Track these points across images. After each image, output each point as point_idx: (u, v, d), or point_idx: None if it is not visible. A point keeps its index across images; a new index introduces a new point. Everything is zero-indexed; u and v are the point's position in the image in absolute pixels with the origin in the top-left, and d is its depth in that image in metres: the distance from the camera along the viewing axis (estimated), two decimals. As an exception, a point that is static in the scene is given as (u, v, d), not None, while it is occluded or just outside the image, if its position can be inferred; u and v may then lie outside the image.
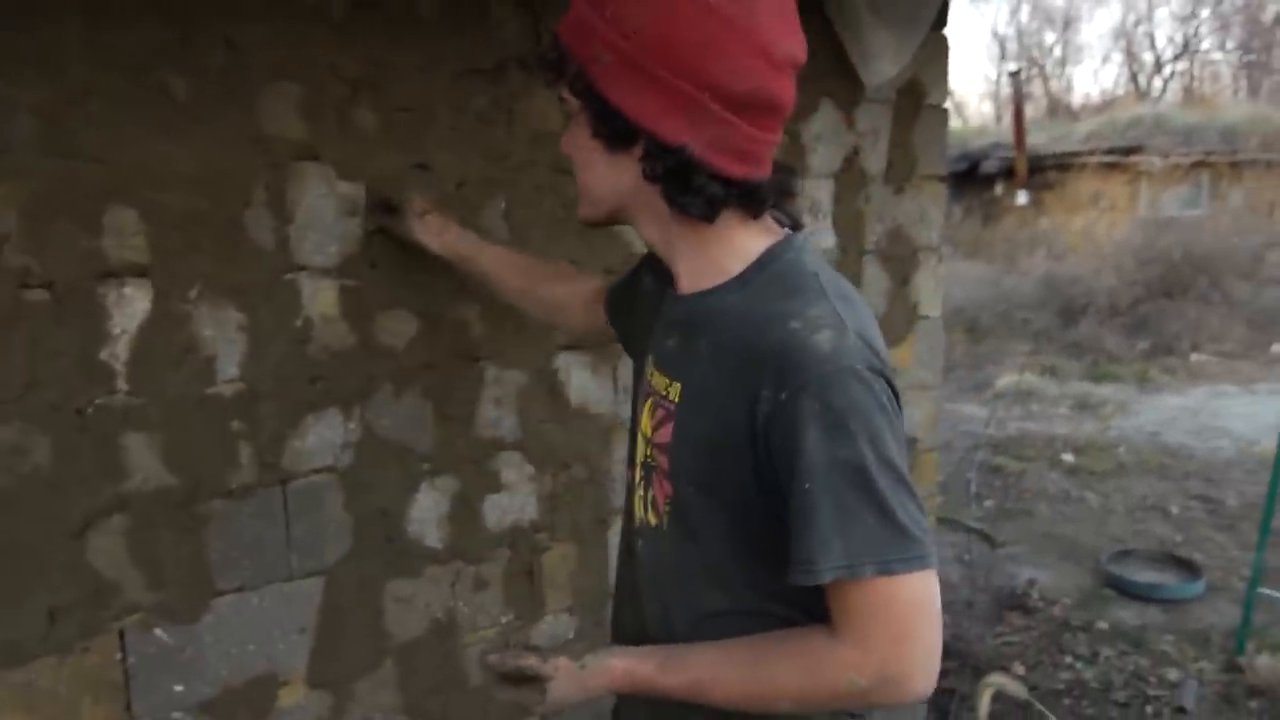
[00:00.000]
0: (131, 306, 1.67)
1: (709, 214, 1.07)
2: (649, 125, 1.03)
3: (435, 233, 1.79)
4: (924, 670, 0.97)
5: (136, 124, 1.63)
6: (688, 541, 1.11)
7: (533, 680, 1.17)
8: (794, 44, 1.05)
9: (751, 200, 1.09)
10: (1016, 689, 2.97)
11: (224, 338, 1.76)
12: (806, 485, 0.94)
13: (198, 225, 1.71)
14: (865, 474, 0.93)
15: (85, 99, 1.59)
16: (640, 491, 1.20)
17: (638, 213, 1.13)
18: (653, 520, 1.16)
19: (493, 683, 1.23)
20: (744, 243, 1.10)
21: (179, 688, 1.77)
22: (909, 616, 0.96)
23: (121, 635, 1.71)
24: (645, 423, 1.17)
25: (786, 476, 0.97)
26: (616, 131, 1.05)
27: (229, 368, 1.77)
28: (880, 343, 1.04)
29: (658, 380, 1.15)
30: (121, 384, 1.67)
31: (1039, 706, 3.24)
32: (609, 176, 1.10)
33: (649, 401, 1.16)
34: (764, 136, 1.06)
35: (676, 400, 1.10)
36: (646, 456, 1.17)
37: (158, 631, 1.74)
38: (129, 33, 1.61)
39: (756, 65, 1.01)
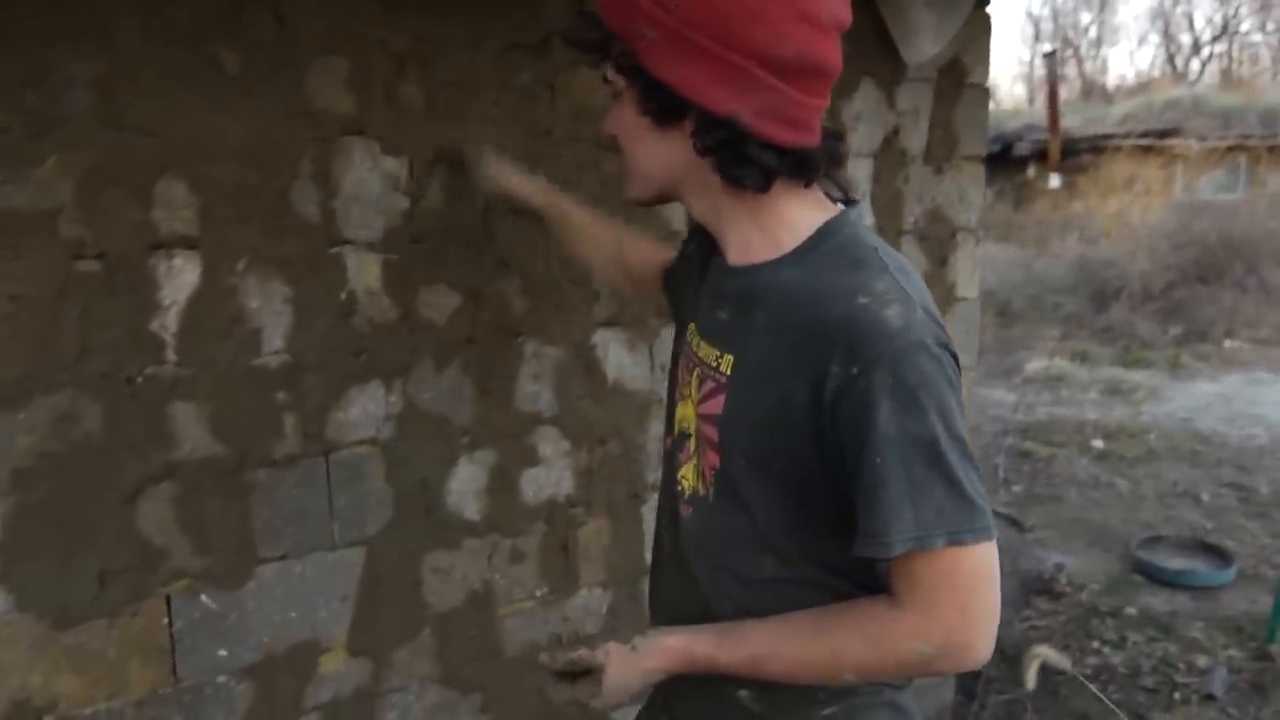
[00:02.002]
0: (181, 278, 1.70)
1: (763, 184, 1.06)
2: (698, 98, 1.02)
3: (520, 177, 1.77)
4: (986, 637, 0.99)
5: (188, 96, 1.65)
6: (739, 511, 1.10)
7: (586, 674, 1.13)
8: (837, 5, 1.04)
9: (804, 168, 1.08)
10: (1061, 660, 2.98)
11: (270, 310, 1.78)
12: (878, 459, 0.95)
13: (246, 198, 1.73)
14: (936, 448, 0.95)
15: (139, 72, 1.61)
16: (684, 460, 1.19)
17: (688, 188, 1.13)
18: (700, 490, 1.15)
19: (548, 685, 1.17)
20: (797, 215, 1.09)
21: (223, 652, 1.81)
22: (973, 585, 0.98)
23: (168, 600, 1.75)
24: (692, 392, 1.16)
25: (856, 449, 0.96)
26: (665, 107, 1.05)
27: (275, 339, 1.79)
28: (940, 317, 1.04)
29: (706, 351, 1.15)
30: (170, 354, 1.70)
31: (1081, 678, 3.25)
32: (659, 153, 1.09)
33: (696, 371, 1.16)
34: (812, 101, 1.05)
35: (729, 373, 1.09)
36: (692, 426, 1.16)
37: (203, 597, 1.78)
38: (182, 6, 1.62)
39: (800, 29, 1.00)
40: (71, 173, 1.57)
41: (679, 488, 1.20)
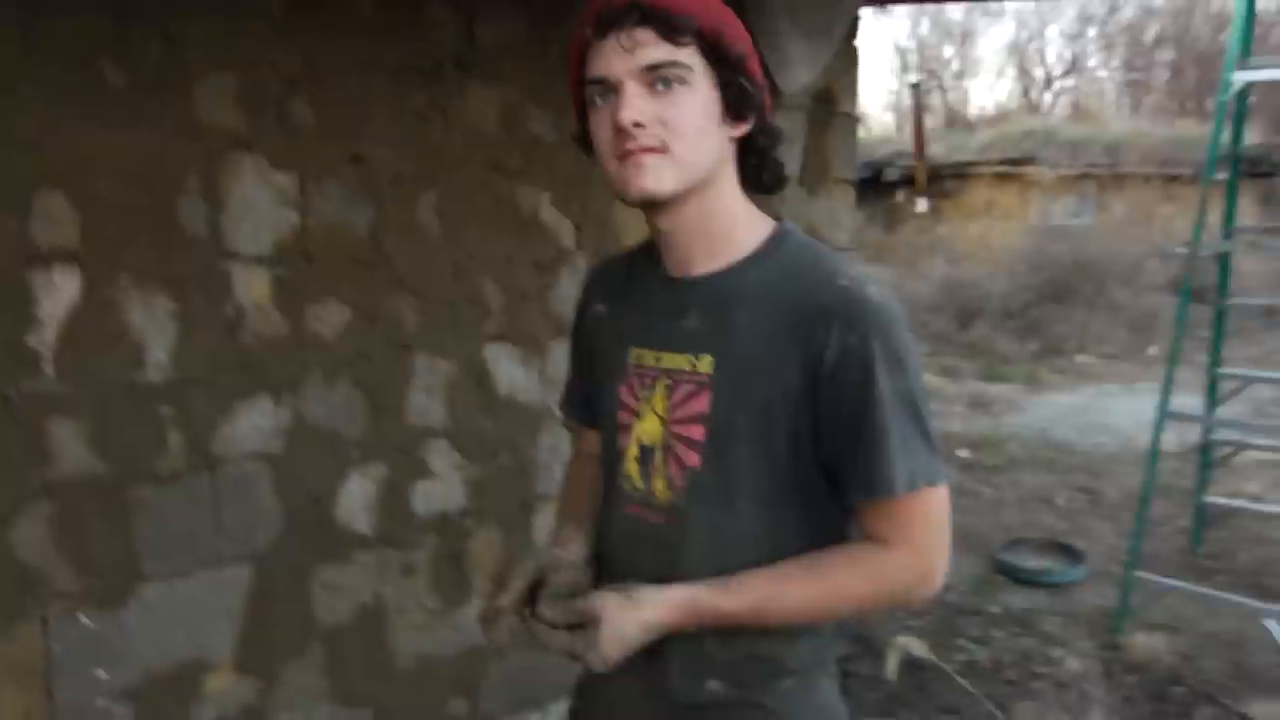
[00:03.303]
0: (60, 292, 1.67)
1: (777, 186, 1.21)
2: (767, 106, 1.17)
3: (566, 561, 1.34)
4: (946, 568, 1.15)
5: (70, 111, 1.63)
6: (714, 508, 1.17)
7: (580, 627, 1.10)
8: None
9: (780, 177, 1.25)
10: (921, 649, 3.14)
11: (154, 325, 1.77)
12: (878, 415, 1.08)
13: (130, 213, 1.72)
14: (916, 404, 1.10)
15: (15, 85, 1.58)
16: (652, 472, 1.22)
17: (705, 188, 1.16)
18: (667, 498, 1.20)
19: (541, 632, 1.13)
20: (754, 221, 1.21)
21: (103, 675, 1.77)
22: (943, 521, 1.14)
23: (45, 623, 1.70)
24: (655, 406, 1.21)
25: (856, 408, 1.08)
26: (746, 104, 1.15)
27: (159, 354, 1.78)
28: None
29: (672, 360, 1.20)
30: (49, 369, 1.67)
31: (946, 667, 3.43)
32: (716, 147, 1.15)
33: (660, 384, 1.21)
34: None
35: (710, 371, 1.16)
36: (658, 438, 1.21)
37: (83, 619, 1.74)
38: (65, 20, 1.61)
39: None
40: (-56, 184, 1.54)
41: (640, 506, 1.23)
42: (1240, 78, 3.68)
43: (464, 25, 2.08)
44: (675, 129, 1.10)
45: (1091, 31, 25.85)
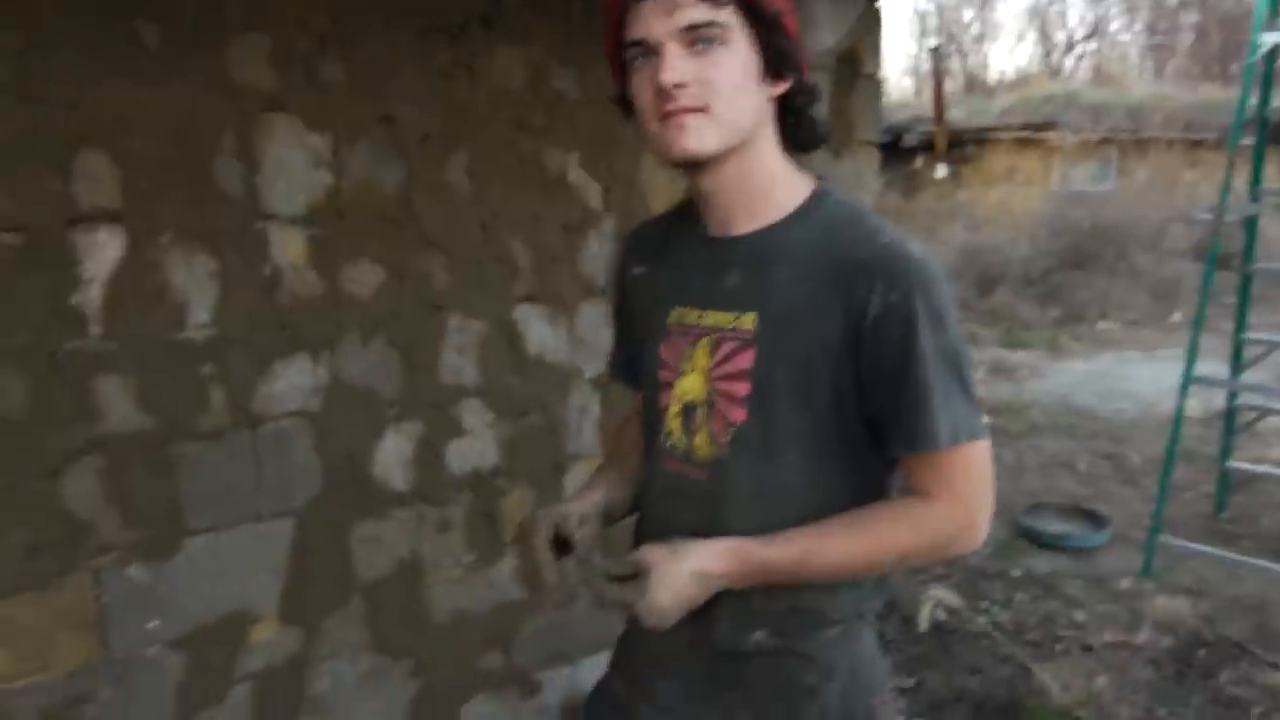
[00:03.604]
0: (103, 252, 1.70)
1: (816, 144, 1.22)
2: (804, 65, 1.18)
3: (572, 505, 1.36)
4: (988, 521, 1.17)
5: (108, 71, 1.66)
6: (760, 462, 1.19)
7: (631, 578, 1.11)
8: None
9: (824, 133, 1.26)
10: (953, 599, 3.18)
11: (195, 284, 1.80)
12: (920, 369, 1.10)
13: (169, 172, 1.74)
14: (958, 359, 1.12)
15: (57, 46, 1.61)
16: (694, 429, 1.24)
17: (746, 148, 1.18)
18: (711, 453, 1.22)
19: (598, 584, 1.14)
20: (794, 180, 1.23)
21: (153, 624, 1.82)
22: (985, 474, 1.16)
23: (96, 573, 1.75)
24: (698, 363, 1.23)
25: (899, 363, 1.10)
26: (785, 62, 1.16)
27: (200, 313, 1.81)
28: None
29: (716, 318, 1.23)
30: (94, 328, 1.70)
31: (980, 620, 3.46)
32: (755, 106, 1.16)
33: (703, 342, 1.23)
34: None
35: (753, 327, 1.19)
36: (702, 394, 1.23)
37: (132, 569, 1.79)
38: (102, -21, 1.63)
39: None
40: (-11, 145, 1.56)
41: (680, 463, 1.25)
42: (1268, 39, 3.63)
43: (491, -16, 2.09)
44: (716, 88, 1.11)
45: (1114, -6, 25.45)
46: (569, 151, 2.29)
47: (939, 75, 13.84)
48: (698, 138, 1.12)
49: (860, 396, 1.15)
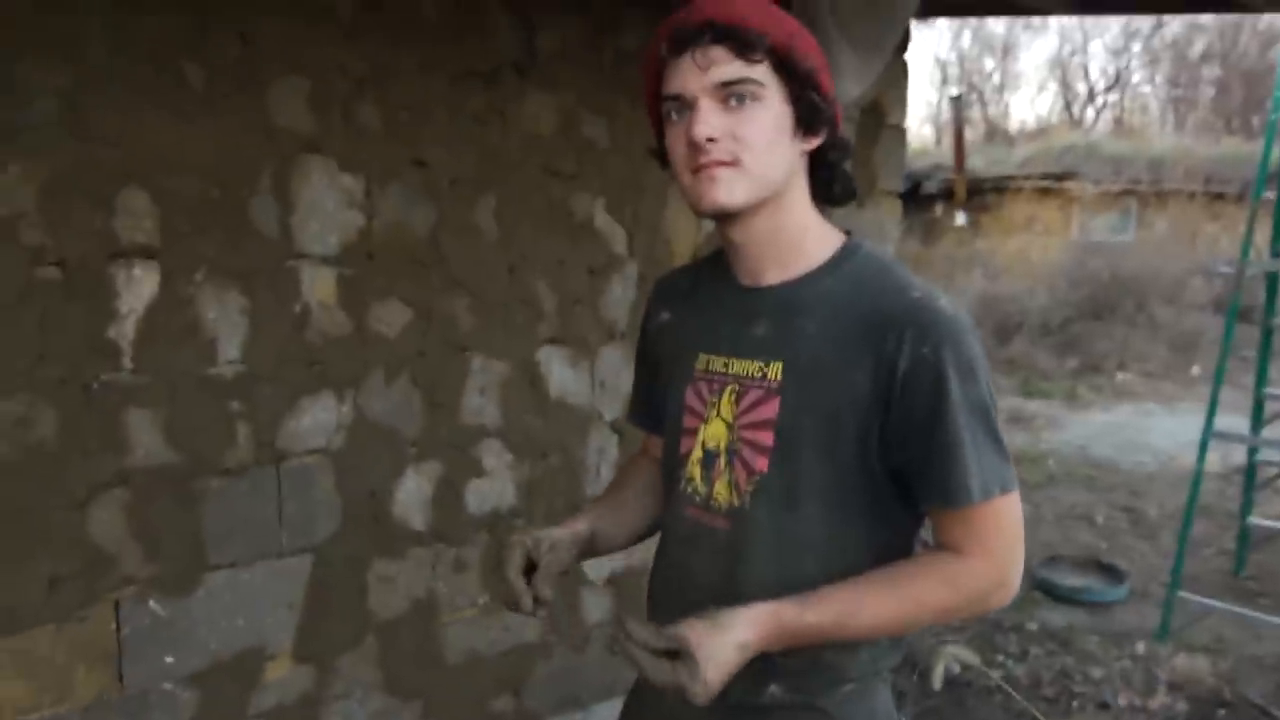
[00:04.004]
0: (140, 287, 1.73)
1: (847, 199, 1.24)
2: (838, 120, 1.20)
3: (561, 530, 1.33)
4: (1020, 575, 1.15)
5: (153, 110, 1.70)
6: (781, 512, 1.19)
7: (675, 656, 1.06)
8: None
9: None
10: (968, 655, 3.15)
11: (226, 320, 1.82)
12: (952, 424, 1.10)
13: (206, 210, 1.78)
14: (988, 412, 1.12)
15: (105, 84, 1.65)
16: (715, 477, 1.24)
17: (778, 201, 1.20)
18: (735, 501, 1.22)
19: (644, 661, 1.07)
20: (824, 234, 1.24)
21: (170, 659, 1.82)
22: (1017, 528, 1.15)
23: (117, 606, 1.76)
24: (723, 410, 1.24)
25: (928, 418, 1.10)
26: (818, 118, 1.18)
27: (230, 349, 1.83)
28: None
29: (742, 367, 1.23)
30: (127, 362, 1.73)
31: (993, 675, 3.41)
32: (786, 159, 1.18)
33: (729, 389, 1.24)
34: None
35: (778, 378, 1.19)
36: (724, 442, 1.23)
37: (152, 603, 1.80)
38: (150, 21, 1.67)
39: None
40: (35, 180, 1.60)
41: (700, 512, 1.25)
42: (1292, 95, 3.65)
43: (523, 31, 2.13)
44: (747, 143, 1.13)
45: (1136, 47, 25.61)
46: (596, 197, 2.32)
47: (959, 124, 13.94)
48: (728, 191, 1.14)
49: (886, 450, 1.14)
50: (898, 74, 3.00)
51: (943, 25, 24.35)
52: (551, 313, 2.26)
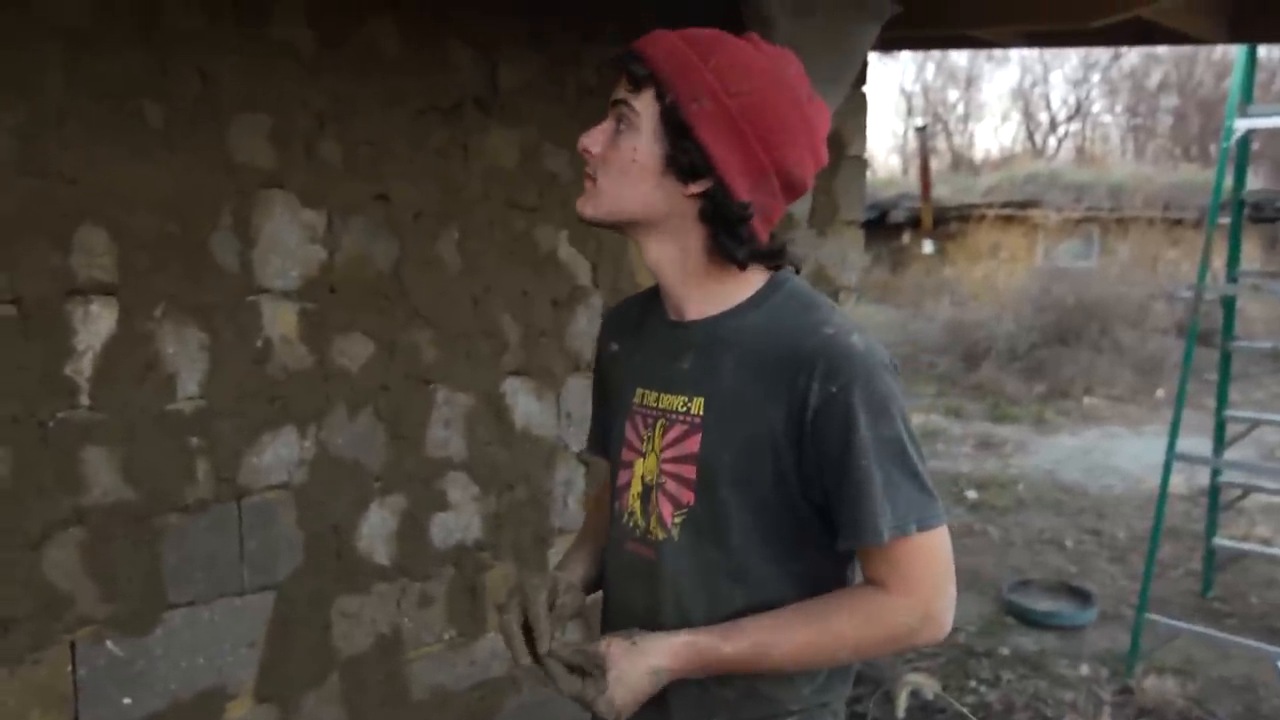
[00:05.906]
0: (97, 324, 1.72)
1: (747, 262, 1.21)
2: (726, 176, 1.15)
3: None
4: (951, 610, 1.15)
5: (111, 147, 1.69)
6: (708, 545, 1.20)
7: (588, 674, 1.12)
8: (826, 150, 1.24)
9: (777, 258, 1.24)
10: (931, 685, 3.14)
11: (186, 356, 1.81)
12: (861, 462, 1.09)
13: (165, 247, 1.77)
14: (904, 449, 1.11)
15: (62, 121, 1.65)
16: (641, 512, 1.26)
17: (660, 234, 1.21)
18: (661, 535, 1.24)
19: (556, 674, 1.12)
20: (748, 276, 1.24)
21: (128, 700, 1.79)
22: (941, 562, 1.14)
23: (73, 647, 1.73)
24: (654, 444, 1.25)
25: (838, 455, 1.10)
26: (692, 164, 1.16)
27: (190, 385, 1.82)
28: None
29: (669, 401, 1.25)
30: (84, 399, 1.71)
31: (958, 707, 3.41)
32: (651, 194, 1.18)
33: (659, 423, 1.25)
34: (781, 213, 1.25)
35: (701, 412, 1.20)
36: (654, 476, 1.25)
37: (109, 644, 1.77)
38: (107, 58, 1.67)
39: (808, 161, 1.19)
40: (-10, 218, 1.59)
41: (636, 542, 1.27)
42: (1242, 124, 3.75)
43: (484, 66, 2.15)
44: (605, 164, 1.18)
45: (1095, 77, 26.18)
46: (559, 229, 2.34)
47: (925, 153, 14.17)
48: (586, 203, 1.20)
49: (806, 486, 1.15)
50: (857, 105, 3.05)
51: (907, 58, 24.81)
52: (516, 344, 2.27)
